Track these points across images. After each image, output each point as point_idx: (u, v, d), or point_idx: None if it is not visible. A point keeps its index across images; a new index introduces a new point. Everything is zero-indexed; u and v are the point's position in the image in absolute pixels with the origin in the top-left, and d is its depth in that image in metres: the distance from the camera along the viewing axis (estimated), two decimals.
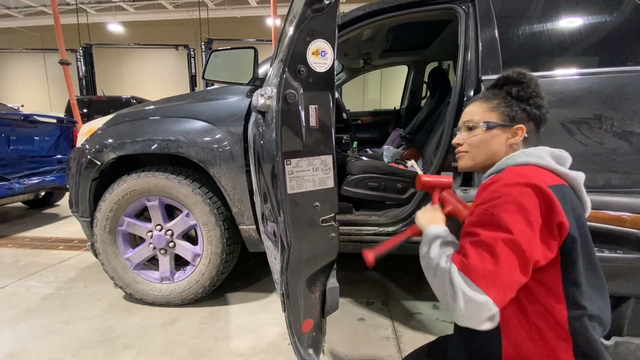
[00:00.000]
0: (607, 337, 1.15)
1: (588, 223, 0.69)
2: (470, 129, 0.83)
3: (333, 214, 0.81)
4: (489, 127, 0.80)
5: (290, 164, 0.74)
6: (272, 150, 0.75)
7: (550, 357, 0.65)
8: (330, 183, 0.79)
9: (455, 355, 0.79)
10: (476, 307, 0.60)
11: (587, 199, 0.75)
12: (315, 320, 0.88)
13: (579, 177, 0.72)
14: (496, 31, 1.46)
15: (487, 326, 0.61)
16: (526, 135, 0.78)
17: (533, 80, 0.79)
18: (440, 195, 0.91)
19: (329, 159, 0.78)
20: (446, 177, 0.96)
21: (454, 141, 0.88)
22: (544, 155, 0.73)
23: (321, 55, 0.73)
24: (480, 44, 1.46)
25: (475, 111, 0.83)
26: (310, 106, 0.74)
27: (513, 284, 0.62)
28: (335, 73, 0.78)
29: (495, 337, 0.68)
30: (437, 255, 0.70)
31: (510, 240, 0.61)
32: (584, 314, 0.64)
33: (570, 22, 1.46)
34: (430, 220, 0.81)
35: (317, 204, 0.78)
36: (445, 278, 0.64)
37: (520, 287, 0.64)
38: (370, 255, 0.83)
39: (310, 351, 0.88)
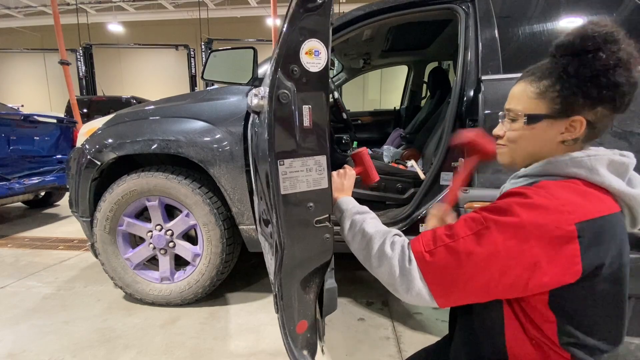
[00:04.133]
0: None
1: None
2: (512, 119, 0.65)
3: (327, 215, 0.80)
4: (531, 121, 0.61)
5: (283, 164, 0.74)
6: (266, 150, 0.75)
7: None
8: (325, 184, 0.78)
9: (457, 346, 0.76)
10: (420, 301, 0.59)
11: None
12: (309, 322, 0.88)
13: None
14: (496, 31, 1.46)
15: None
16: (590, 127, 0.58)
17: (609, 44, 0.53)
18: (354, 153, 0.95)
19: (322, 160, 0.77)
20: (490, 142, 0.85)
21: (494, 132, 0.70)
22: (598, 166, 0.56)
23: (315, 55, 0.73)
24: (480, 44, 1.46)
25: (519, 96, 0.63)
26: (303, 106, 0.74)
27: (465, 301, 0.58)
28: (329, 73, 0.78)
29: (500, 344, 0.63)
30: (378, 238, 0.66)
31: (485, 266, 0.53)
32: (577, 342, 0.57)
33: (570, 22, 1.46)
34: (341, 189, 0.83)
35: (311, 204, 0.78)
36: (395, 268, 0.60)
37: (516, 303, 0.59)
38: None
39: (305, 352, 0.88)
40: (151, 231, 1.73)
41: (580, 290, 0.54)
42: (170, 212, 1.77)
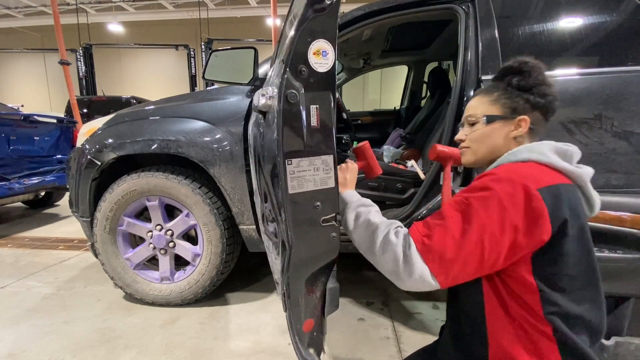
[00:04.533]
0: (607, 337, 1.15)
1: (588, 223, 0.68)
2: (472, 124, 0.81)
3: (334, 214, 0.81)
4: (489, 120, 0.77)
5: (291, 163, 0.74)
6: (273, 150, 0.76)
7: (537, 356, 0.64)
8: (331, 183, 0.79)
9: (444, 355, 0.79)
10: (423, 284, 0.64)
11: (595, 196, 0.72)
12: (316, 320, 0.88)
13: (585, 173, 0.70)
14: (496, 31, 1.46)
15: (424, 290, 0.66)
16: (532, 127, 0.75)
17: (536, 67, 0.75)
18: (356, 148, 0.97)
19: (329, 159, 0.78)
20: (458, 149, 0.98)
21: (457, 137, 0.85)
22: (546, 151, 0.69)
23: (322, 56, 0.74)
24: (480, 44, 1.46)
25: (476, 105, 0.81)
26: (311, 106, 0.75)
27: (463, 276, 0.64)
28: (336, 73, 0.78)
29: (482, 336, 0.69)
30: (383, 228, 0.71)
31: (477, 236, 0.61)
32: (566, 316, 0.63)
33: (570, 22, 1.46)
34: (344, 183, 0.86)
35: (318, 203, 0.78)
36: (398, 254, 0.65)
37: (502, 283, 0.66)
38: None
39: (311, 351, 0.88)
40: (151, 231, 1.73)
41: (555, 250, 0.62)
42: (170, 212, 1.77)
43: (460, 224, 0.63)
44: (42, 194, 3.96)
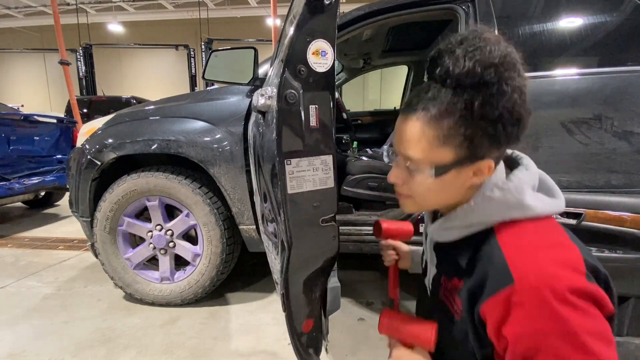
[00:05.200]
0: None
1: (588, 223, 0.64)
2: (412, 169, 0.54)
3: (333, 214, 0.81)
4: (439, 173, 0.52)
5: (290, 163, 0.74)
6: (273, 150, 0.76)
7: None
8: (331, 183, 0.79)
9: None
10: None
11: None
12: (315, 321, 0.88)
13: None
14: (496, 31, 1.46)
15: None
16: (497, 162, 0.53)
17: (510, 71, 0.46)
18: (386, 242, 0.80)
19: (329, 159, 0.78)
20: (406, 224, 0.83)
21: (389, 179, 0.59)
22: (535, 199, 0.50)
23: (321, 55, 0.74)
24: None
25: (417, 140, 0.51)
26: (310, 106, 0.74)
27: None
28: (335, 73, 0.78)
29: None
30: None
31: None
32: None
33: (570, 22, 1.46)
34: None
35: (317, 204, 0.78)
36: None
37: None
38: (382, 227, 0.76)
39: (311, 351, 0.88)
40: (151, 231, 1.73)
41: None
42: (170, 212, 1.77)
43: None
44: (42, 194, 3.96)
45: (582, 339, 0.41)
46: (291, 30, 0.73)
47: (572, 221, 1.15)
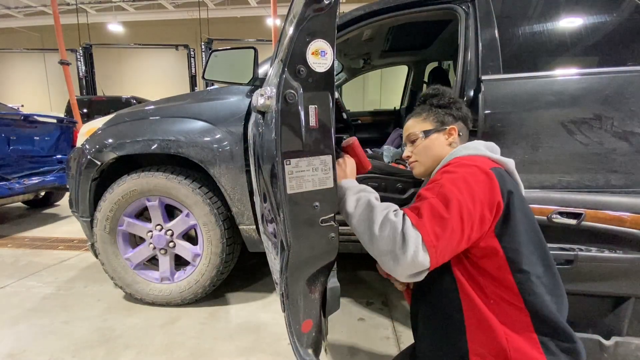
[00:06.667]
0: (607, 337, 1.15)
1: (588, 223, 0.72)
2: (412, 141, 0.99)
3: (333, 214, 0.81)
4: (427, 134, 0.96)
5: (289, 164, 0.74)
6: (272, 150, 0.75)
7: (510, 328, 0.71)
8: (330, 183, 0.79)
9: (425, 348, 0.84)
10: (416, 262, 0.67)
11: (520, 181, 0.86)
12: (314, 321, 0.88)
13: (510, 162, 0.85)
14: (496, 31, 1.46)
15: (411, 279, 0.71)
16: (460, 134, 0.96)
17: (446, 91, 1.00)
18: (346, 145, 1.01)
19: (328, 159, 0.78)
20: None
21: (403, 155, 1.03)
22: (479, 147, 0.87)
23: (321, 55, 0.73)
24: (480, 44, 1.46)
25: (412, 125, 1.00)
26: (310, 106, 0.74)
27: (448, 250, 0.70)
28: (335, 73, 0.78)
29: (458, 322, 0.75)
30: (382, 208, 0.76)
31: (456, 210, 0.69)
32: (528, 277, 0.72)
33: (570, 22, 1.46)
34: (344, 175, 0.91)
35: (317, 204, 0.78)
36: (397, 230, 0.70)
37: (471, 263, 0.75)
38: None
39: (310, 351, 0.88)
40: (151, 231, 1.73)
41: (509, 219, 0.73)
42: (170, 212, 1.77)
43: (440, 203, 0.71)
44: (42, 194, 3.96)
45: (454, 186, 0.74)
46: (290, 30, 0.73)
47: (572, 221, 1.15)
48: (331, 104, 0.76)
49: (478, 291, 0.74)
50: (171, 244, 1.73)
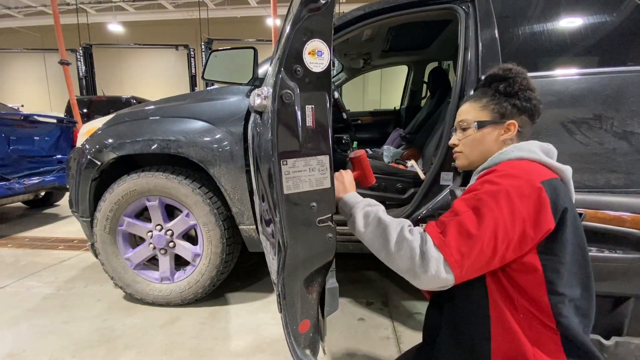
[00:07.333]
0: (607, 337, 1.15)
1: (588, 223, 0.71)
2: (464, 129, 0.87)
3: (330, 215, 0.81)
4: (480, 126, 0.83)
5: (286, 164, 0.74)
6: (269, 150, 0.75)
7: (539, 347, 0.67)
8: (327, 183, 0.79)
9: (445, 352, 0.80)
10: (438, 281, 0.64)
11: (573, 190, 0.78)
12: (312, 321, 0.88)
13: (568, 170, 0.75)
14: (496, 31, 1.46)
15: (436, 290, 0.68)
16: (520, 130, 0.81)
17: (520, 74, 0.81)
18: (353, 157, 0.97)
19: (325, 159, 0.77)
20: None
21: (450, 142, 0.91)
22: (535, 149, 0.75)
23: (318, 55, 0.73)
24: (480, 44, 1.46)
25: (467, 110, 0.87)
26: (306, 106, 0.74)
27: (476, 269, 0.65)
28: (332, 73, 0.78)
29: (485, 331, 0.70)
30: (395, 225, 0.72)
31: (490, 229, 0.63)
32: (564, 300, 0.66)
33: (570, 22, 1.46)
34: (343, 189, 0.87)
35: (314, 204, 0.78)
36: (415, 249, 0.66)
37: (505, 276, 0.68)
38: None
39: (307, 352, 0.88)
40: (151, 231, 1.73)
41: (557, 239, 0.66)
42: (170, 212, 1.77)
43: (473, 218, 0.65)
44: (42, 194, 3.96)
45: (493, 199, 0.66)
46: (287, 30, 0.73)
47: None
48: (328, 104, 0.76)
49: (508, 304, 0.69)
50: (171, 244, 1.73)
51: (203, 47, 9.53)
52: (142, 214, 1.81)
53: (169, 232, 1.71)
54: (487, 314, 0.70)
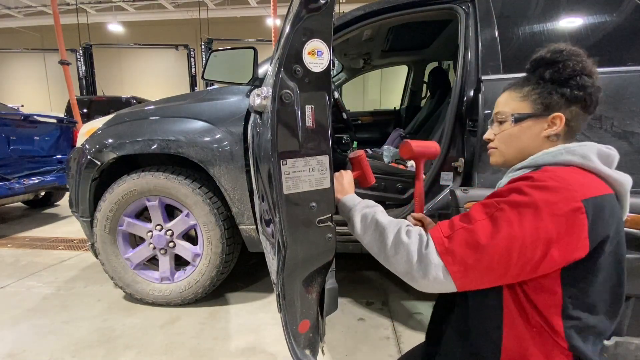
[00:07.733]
0: (607, 337, 1.15)
1: None
2: (500, 122, 0.74)
3: (330, 215, 0.80)
4: (518, 119, 0.70)
5: (286, 164, 0.74)
6: (268, 150, 0.75)
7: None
8: (327, 183, 0.78)
9: (451, 358, 0.77)
10: (438, 286, 0.60)
11: (628, 204, 0.65)
12: (312, 321, 0.88)
13: (626, 182, 0.62)
14: (496, 31, 1.46)
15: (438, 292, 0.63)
16: (568, 124, 0.67)
17: (573, 56, 0.65)
18: (352, 157, 0.96)
19: (325, 159, 0.77)
20: (433, 144, 1.02)
21: (485, 137, 0.78)
22: (590, 154, 0.61)
23: (317, 55, 0.73)
24: (480, 44, 1.46)
25: (506, 101, 0.73)
26: (306, 106, 0.74)
27: (483, 283, 0.59)
28: (332, 73, 0.78)
29: (496, 341, 0.65)
30: (392, 227, 0.67)
31: (504, 246, 0.55)
32: (580, 324, 0.60)
33: (570, 22, 1.46)
34: (342, 190, 0.84)
35: (314, 204, 0.78)
36: (413, 255, 0.61)
37: (522, 291, 0.62)
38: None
39: (307, 352, 0.88)
40: (151, 231, 1.73)
41: (589, 266, 0.57)
42: (170, 212, 1.77)
43: (488, 230, 0.57)
44: (42, 194, 3.96)
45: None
46: (287, 30, 0.73)
47: None
48: (328, 104, 0.76)
49: (523, 318, 0.62)
50: (171, 244, 1.73)
51: (203, 47, 9.53)
52: (142, 214, 1.81)
53: (169, 232, 1.71)
54: (500, 325, 0.64)
